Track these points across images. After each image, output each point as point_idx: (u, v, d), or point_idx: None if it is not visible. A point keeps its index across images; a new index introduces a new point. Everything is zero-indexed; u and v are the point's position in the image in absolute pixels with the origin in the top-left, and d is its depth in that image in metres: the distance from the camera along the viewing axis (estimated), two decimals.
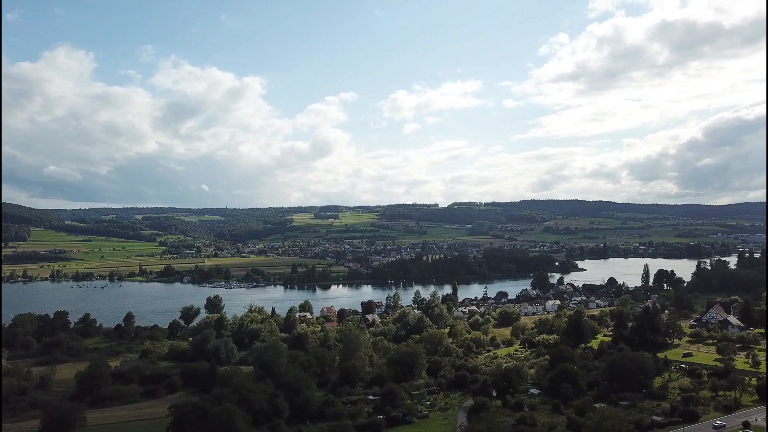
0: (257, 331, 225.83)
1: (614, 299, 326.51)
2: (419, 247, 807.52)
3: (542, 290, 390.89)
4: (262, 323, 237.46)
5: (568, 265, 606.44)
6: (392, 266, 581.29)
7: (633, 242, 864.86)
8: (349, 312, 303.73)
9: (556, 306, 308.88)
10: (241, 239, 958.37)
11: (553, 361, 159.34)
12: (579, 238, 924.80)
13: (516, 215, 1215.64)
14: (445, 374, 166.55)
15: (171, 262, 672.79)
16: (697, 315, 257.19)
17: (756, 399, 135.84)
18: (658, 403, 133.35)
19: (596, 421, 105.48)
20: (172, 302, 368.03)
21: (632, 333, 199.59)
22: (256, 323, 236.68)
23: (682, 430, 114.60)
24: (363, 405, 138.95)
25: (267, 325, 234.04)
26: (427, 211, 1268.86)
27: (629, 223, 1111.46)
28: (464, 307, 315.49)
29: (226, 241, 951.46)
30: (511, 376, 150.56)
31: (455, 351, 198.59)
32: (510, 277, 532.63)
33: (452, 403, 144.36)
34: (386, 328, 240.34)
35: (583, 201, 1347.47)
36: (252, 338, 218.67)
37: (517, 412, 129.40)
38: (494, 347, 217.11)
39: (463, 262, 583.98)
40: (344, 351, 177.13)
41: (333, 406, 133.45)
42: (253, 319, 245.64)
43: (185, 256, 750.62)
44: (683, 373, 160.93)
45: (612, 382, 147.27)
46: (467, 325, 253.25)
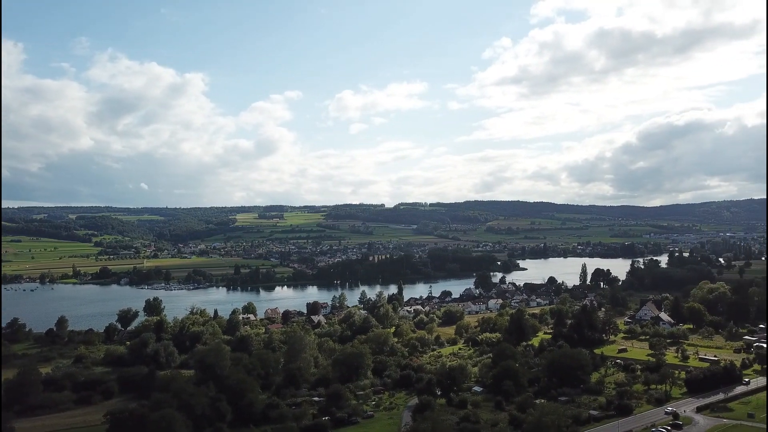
0: (199, 333, 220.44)
1: (554, 298, 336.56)
2: (365, 248, 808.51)
3: (485, 289, 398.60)
4: (204, 326, 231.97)
5: (510, 264, 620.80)
6: (338, 267, 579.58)
7: (572, 242, 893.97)
8: (294, 313, 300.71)
9: (498, 305, 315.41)
10: (182, 239, 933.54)
11: (495, 359, 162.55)
12: (520, 238, 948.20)
13: (460, 215, 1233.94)
14: (390, 374, 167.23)
15: (107, 263, 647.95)
16: (631, 312, 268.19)
17: (684, 392, 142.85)
18: (595, 398, 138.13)
19: (536, 416, 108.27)
20: (109, 305, 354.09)
21: (571, 330, 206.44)
22: (197, 326, 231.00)
23: (616, 423, 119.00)
24: (308, 407, 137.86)
25: (209, 328, 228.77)
26: (374, 212, 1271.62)
27: (568, 224, 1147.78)
28: (410, 306, 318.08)
29: (167, 241, 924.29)
30: (455, 374, 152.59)
31: (400, 350, 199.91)
32: (454, 276, 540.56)
33: (397, 402, 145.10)
34: (332, 329, 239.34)
35: (525, 202, 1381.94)
36: (193, 341, 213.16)
37: (461, 409, 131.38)
38: (439, 346, 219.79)
39: (408, 262, 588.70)
40: (289, 353, 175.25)
41: (277, 409, 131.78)
42: (195, 321, 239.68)
43: (123, 257, 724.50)
44: (618, 368, 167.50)
45: (552, 378, 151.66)
46: (412, 324, 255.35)
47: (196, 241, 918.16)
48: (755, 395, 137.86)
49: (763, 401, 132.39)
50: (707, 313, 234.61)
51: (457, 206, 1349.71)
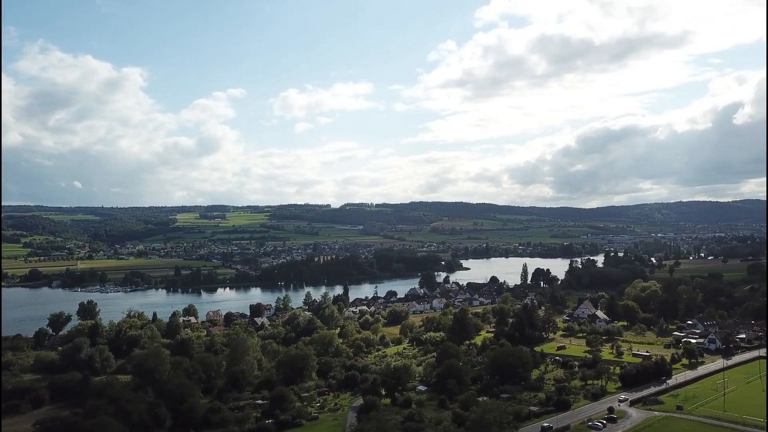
0: (137, 337, 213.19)
1: (496, 297, 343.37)
2: (311, 248, 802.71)
3: (429, 289, 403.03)
4: (142, 329, 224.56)
5: (454, 264, 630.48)
6: (283, 268, 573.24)
7: (513, 242, 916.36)
8: (236, 315, 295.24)
9: (442, 304, 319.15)
10: (119, 240, 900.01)
11: (439, 358, 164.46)
12: (464, 239, 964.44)
13: (405, 216, 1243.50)
14: (335, 375, 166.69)
15: (37, 265, 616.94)
16: (569, 310, 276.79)
17: (619, 386, 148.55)
18: (535, 394, 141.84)
19: (479, 414, 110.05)
20: (39, 309, 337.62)
21: (512, 329, 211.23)
22: (135, 329, 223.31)
23: (555, 419, 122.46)
24: (251, 410, 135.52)
25: (148, 331, 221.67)
26: (319, 212, 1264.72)
27: (510, 225, 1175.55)
28: (355, 307, 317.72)
29: (102, 242, 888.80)
30: (400, 374, 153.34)
31: (346, 351, 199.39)
32: (399, 276, 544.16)
33: (342, 403, 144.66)
34: (276, 331, 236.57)
35: (468, 203, 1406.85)
36: (131, 345, 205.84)
37: (405, 409, 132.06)
38: (384, 346, 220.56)
39: (354, 263, 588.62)
40: (231, 355, 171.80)
41: (219, 413, 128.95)
42: (133, 324, 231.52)
43: (54, 259, 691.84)
44: (557, 365, 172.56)
45: (494, 375, 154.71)
46: (358, 325, 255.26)
47: (134, 241, 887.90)
48: (683, 388, 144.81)
49: (690, 393, 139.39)
50: (640, 310, 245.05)
51: (403, 207, 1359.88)
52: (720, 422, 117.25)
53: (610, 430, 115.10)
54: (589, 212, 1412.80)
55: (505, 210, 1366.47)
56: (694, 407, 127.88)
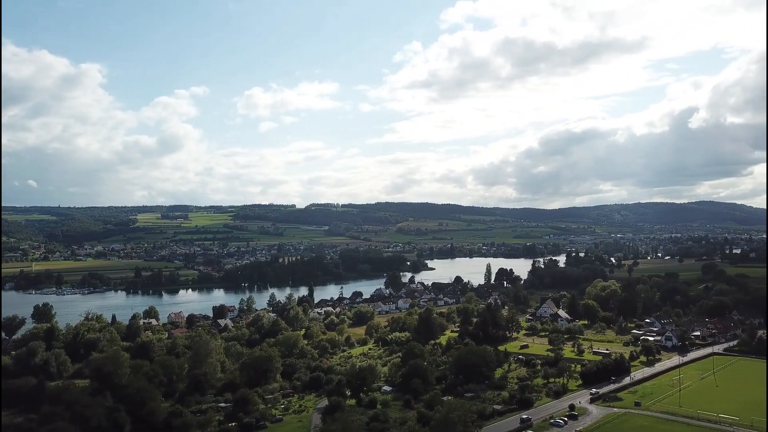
0: (95, 340, 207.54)
1: (460, 297, 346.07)
2: (275, 249, 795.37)
3: (395, 289, 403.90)
4: (100, 332, 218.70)
5: (419, 264, 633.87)
6: (246, 269, 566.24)
7: (477, 243, 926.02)
8: (199, 317, 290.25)
9: (408, 304, 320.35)
10: (76, 241, 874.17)
11: (404, 358, 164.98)
12: (429, 239, 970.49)
13: (371, 216, 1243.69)
14: (300, 376, 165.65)
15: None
16: (532, 310, 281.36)
17: (580, 383, 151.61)
18: (499, 393, 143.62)
19: (444, 413, 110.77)
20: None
21: (476, 328, 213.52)
22: (93, 332, 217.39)
23: (518, 416, 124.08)
24: (213, 413, 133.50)
25: (107, 334, 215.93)
26: (284, 212, 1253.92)
27: (474, 225, 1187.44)
28: (320, 308, 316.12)
29: (59, 242, 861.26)
30: (365, 374, 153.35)
31: (311, 352, 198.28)
32: (365, 277, 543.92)
33: (307, 405, 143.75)
34: (239, 333, 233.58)
35: (433, 204, 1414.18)
36: (89, 349, 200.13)
37: (370, 409, 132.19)
38: (349, 347, 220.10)
39: (319, 264, 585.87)
40: (194, 358, 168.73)
41: (181, 417, 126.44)
42: (91, 327, 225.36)
43: (8, 260, 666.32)
44: (520, 364, 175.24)
45: (458, 375, 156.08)
46: (323, 326, 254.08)
47: (93, 242, 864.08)
48: (641, 385, 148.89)
49: (648, 390, 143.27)
50: (600, 309, 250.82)
51: (369, 207, 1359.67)
52: (676, 417, 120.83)
53: (571, 427, 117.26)
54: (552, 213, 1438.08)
55: (469, 211, 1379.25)
56: (652, 403, 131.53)
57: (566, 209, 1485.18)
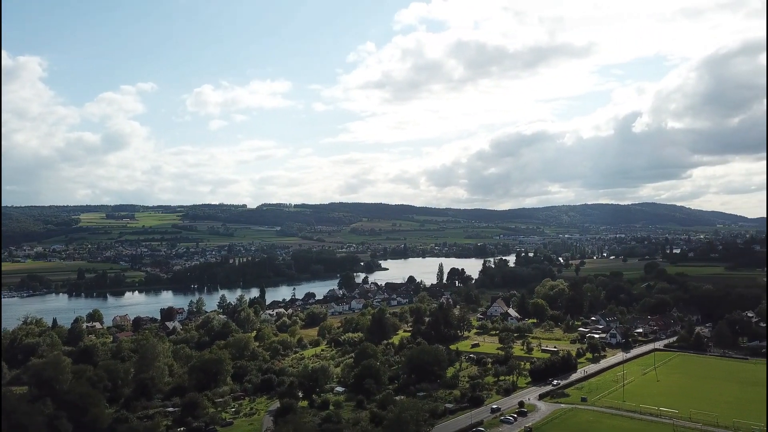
0: (34, 345, 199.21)
1: (413, 297, 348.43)
2: (226, 250, 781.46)
3: (348, 290, 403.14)
4: (40, 336, 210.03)
5: (373, 265, 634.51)
6: (196, 270, 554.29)
7: (430, 243, 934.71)
8: (146, 320, 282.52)
9: (361, 305, 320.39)
10: (14, 241, 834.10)
11: (357, 359, 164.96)
12: (383, 239, 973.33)
13: (325, 217, 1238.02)
14: (251, 379, 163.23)
15: None
16: (483, 309, 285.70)
17: (529, 381, 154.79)
18: (450, 391, 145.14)
19: (396, 413, 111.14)
20: None
21: (429, 328, 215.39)
22: (33, 337, 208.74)
23: (469, 414, 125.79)
24: (161, 418, 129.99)
25: (47, 339, 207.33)
26: (235, 212, 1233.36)
27: (427, 225, 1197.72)
28: (272, 309, 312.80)
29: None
30: (318, 375, 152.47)
31: (262, 354, 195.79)
32: (318, 277, 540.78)
33: (258, 407, 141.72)
34: (188, 335, 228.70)
35: (387, 204, 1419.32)
36: (28, 354, 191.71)
37: (323, 411, 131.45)
38: (302, 348, 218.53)
39: (271, 264, 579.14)
40: (140, 362, 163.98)
41: (126, 422, 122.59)
42: (30, 332, 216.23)
43: None
44: (472, 362, 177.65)
45: (411, 374, 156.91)
46: (275, 327, 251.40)
47: (32, 243, 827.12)
48: (587, 381, 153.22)
49: (594, 386, 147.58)
50: (549, 308, 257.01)
51: (322, 207, 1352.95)
52: (619, 412, 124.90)
53: (520, 424, 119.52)
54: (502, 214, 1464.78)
55: (422, 211, 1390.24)
56: (597, 398, 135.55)
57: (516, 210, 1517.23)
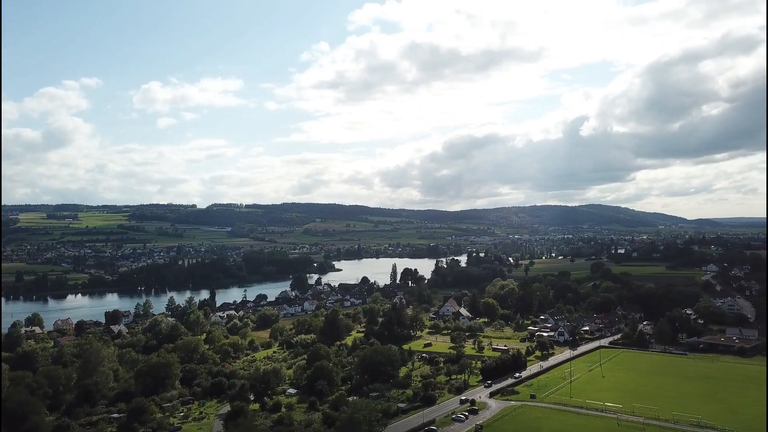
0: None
1: (367, 297, 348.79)
2: (174, 251, 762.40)
3: (301, 291, 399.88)
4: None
5: (326, 266, 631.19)
6: (143, 272, 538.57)
7: (383, 244, 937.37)
8: (90, 324, 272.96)
9: (314, 306, 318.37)
10: None
11: (310, 360, 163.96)
12: (336, 240, 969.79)
13: (277, 217, 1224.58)
14: (200, 382, 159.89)
15: None
16: (435, 308, 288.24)
17: (480, 379, 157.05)
18: (403, 391, 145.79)
19: (349, 413, 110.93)
20: None
21: (382, 328, 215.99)
22: None
23: (422, 414, 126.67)
24: (105, 425, 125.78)
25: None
26: (184, 212, 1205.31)
27: (380, 226, 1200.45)
28: (223, 312, 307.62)
29: None
30: (269, 378, 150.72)
31: (212, 357, 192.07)
32: (270, 279, 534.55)
33: (208, 411, 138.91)
34: (135, 339, 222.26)
35: (341, 205, 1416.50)
36: None
37: (275, 413, 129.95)
38: (253, 350, 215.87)
39: (222, 266, 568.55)
40: (83, 367, 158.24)
41: (68, 430, 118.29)
42: None
43: None
44: (424, 362, 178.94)
45: (364, 375, 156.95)
46: (225, 330, 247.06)
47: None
48: (536, 378, 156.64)
49: (542, 383, 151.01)
50: (499, 307, 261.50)
51: (275, 208, 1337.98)
52: (567, 408, 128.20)
53: (471, 422, 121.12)
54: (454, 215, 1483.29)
55: (376, 212, 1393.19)
56: (545, 395, 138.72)
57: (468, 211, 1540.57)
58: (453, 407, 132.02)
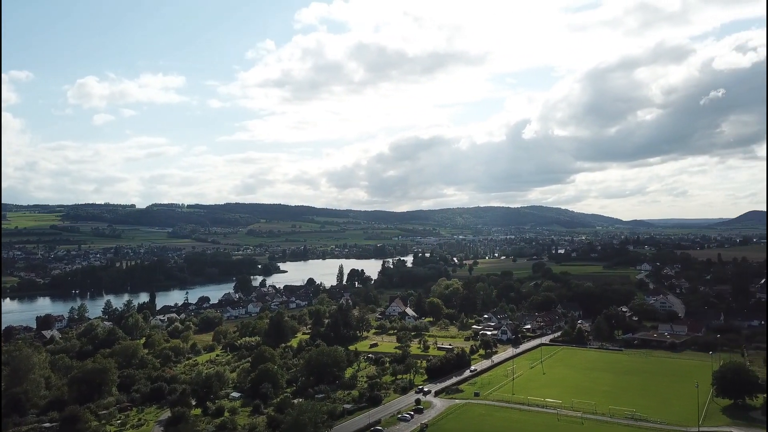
0: None
1: (313, 299, 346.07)
2: (112, 252, 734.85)
3: (245, 293, 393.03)
4: None
5: (271, 267, 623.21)
6: (78, 274, 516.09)
7: (330, 244, 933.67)
8: (19, 329, 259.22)
9: (258, 308, 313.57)
10: None
11: (254, 363, 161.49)
12: (282, 241, 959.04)
13: (221, 218, 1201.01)
14: (139, 388, 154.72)
15: None
16: (382, 309, 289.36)
17: (426, 378, 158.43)
18: (349, 392, 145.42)
19: (294, 416, 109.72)
20: None
21: (328, 329, 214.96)
22: None
23: (368, 414, 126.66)
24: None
25: None
26: (123, 213, 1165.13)
27: (327, 227, 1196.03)
28: (163, 315, 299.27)
29: None
30: (212, 382, 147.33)
31: (152, 362, 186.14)
32: (213, 281, 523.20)
33: (147, 418, 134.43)
34: (69, 345, 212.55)
35: (286, 205, 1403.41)
36: None
37: (217, 418, 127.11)
38: (195, 354, 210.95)
39: (162, 268, 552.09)
40: (11, 375, 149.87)
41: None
42: None
43: None
44: (370, 362, 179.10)
45: (310, 377, 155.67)
46: (166, 333, 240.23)
47: None
48: (480, 376, 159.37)
49: (486, 381, 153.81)
50: (444, 306, 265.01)
51: (218, 208, 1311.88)
52: (509, 404, 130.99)
53: (417, 421, 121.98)
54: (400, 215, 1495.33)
55: (322, 213, 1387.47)
56: (489, 393, 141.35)
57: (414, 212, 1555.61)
58: (399, 407, 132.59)
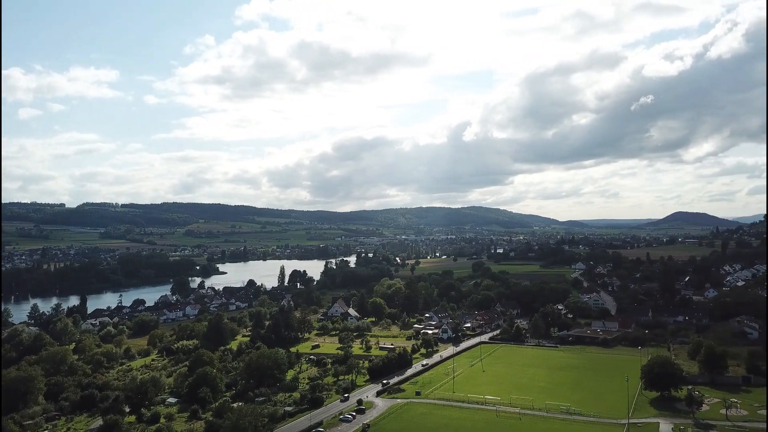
0: None
1: (253, 300, 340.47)
2: (38, 254, 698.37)
3: (183, 295, 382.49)
4: None
5: (210, 269, 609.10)
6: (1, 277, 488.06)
7: (271, 245, 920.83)
8: None
9: (196, 311, 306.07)
10: None
11: (192, 367, 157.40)
12: (221, 242, 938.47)
13: (157, 218, 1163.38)
14: (68, 396, 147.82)
15: None
16: (324, 310, 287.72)
17: (367, 379, 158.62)
18: (290, 394, 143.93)
19: (233, 420, 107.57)
20: None
21: (269, 331, 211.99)
22: None
23: (309, 416, 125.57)
24: None
25: None
26: (51, 212, 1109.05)
27: (268, 227, 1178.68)
28: (95, 319, 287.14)
29: None
30: (147, 387, 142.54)
31: (83, 368, 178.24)
32: (148, 283, 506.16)
33: (77, 427, 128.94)
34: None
35: (226, 205, 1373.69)
36: None
37: (153, 425, 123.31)
38: (129, 359, 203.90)
39: (94, 270, 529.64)
40: None
41: None
42: None
43: None
44: (312, 364, 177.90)
45: (250, 380, 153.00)
46: (98, 338, 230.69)
47: None
48: (421, 375, 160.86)
49: (427, 380, 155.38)
50: (387, 306, 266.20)
51: (154, 208, 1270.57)
52: (450, 402, 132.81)
53: (359, 421, 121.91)
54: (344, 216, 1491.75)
55: (264, 213, 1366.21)
56: (430, 391, 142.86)
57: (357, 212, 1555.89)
58: (340, 408, 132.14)
